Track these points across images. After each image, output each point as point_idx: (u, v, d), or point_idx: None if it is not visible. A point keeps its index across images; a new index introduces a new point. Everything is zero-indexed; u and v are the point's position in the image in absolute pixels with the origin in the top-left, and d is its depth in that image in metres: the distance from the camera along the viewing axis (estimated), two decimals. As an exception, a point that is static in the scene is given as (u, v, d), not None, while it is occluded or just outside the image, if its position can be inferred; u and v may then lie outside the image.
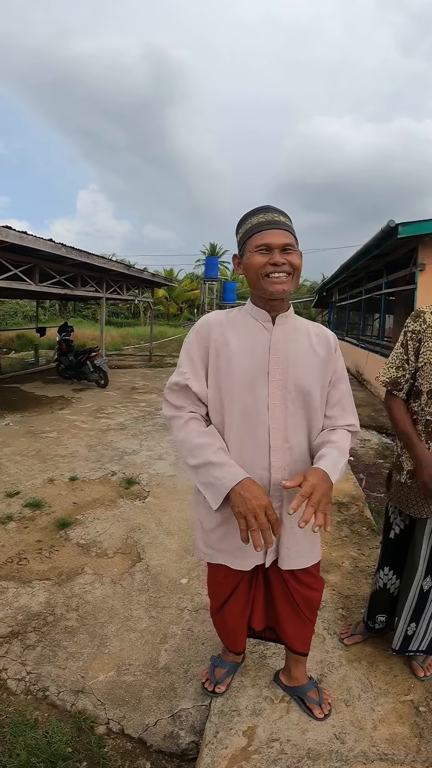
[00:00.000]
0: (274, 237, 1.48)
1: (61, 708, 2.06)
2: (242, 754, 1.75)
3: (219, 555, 1.69)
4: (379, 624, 2.24)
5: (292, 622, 1.84)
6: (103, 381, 9.94)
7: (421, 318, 1.92)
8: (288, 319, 1.61)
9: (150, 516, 3.84)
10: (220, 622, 1.95)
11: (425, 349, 1.89)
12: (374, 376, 9.40)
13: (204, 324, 1.62)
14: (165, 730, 1.97)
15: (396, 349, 2.00)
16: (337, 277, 14.10)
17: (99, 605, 2.70)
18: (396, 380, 1.99)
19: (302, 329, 1.64)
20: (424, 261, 7.22)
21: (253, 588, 1.83)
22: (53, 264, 8.51)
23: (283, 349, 1.57)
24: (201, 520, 1.71)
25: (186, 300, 37.66)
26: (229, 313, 1.66)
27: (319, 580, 1.85)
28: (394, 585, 2.15)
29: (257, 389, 1.55)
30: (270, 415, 1.55)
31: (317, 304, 26.02)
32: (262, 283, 1.50)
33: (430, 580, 1.99)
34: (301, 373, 1.57)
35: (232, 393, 1.54)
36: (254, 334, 1.58)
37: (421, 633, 2.06)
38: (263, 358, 1.56)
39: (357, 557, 3.22)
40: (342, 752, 1.76)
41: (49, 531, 3.55)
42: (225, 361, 1.56)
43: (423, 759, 1.75)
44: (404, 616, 2.07)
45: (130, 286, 12.97)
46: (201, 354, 1.59)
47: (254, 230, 1.51)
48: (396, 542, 2.12)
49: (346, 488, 4.50)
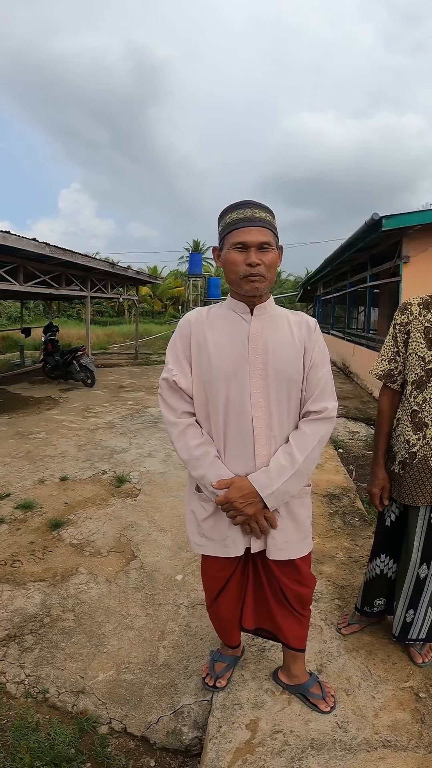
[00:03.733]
0: (251, 235, 1.51)
1: (62, 709, 2.05)
2: (246, 747, 1.76)
3: (210, 545, 1.72)
4: (377, 607, 2.27)
5: (285, 619, 1.85)
6: (90, 380, 9.89)
7: (408, 310, 1.96)
8: (267, 309, 1.65)
9: (142, 514, 3.83)
10: (215, 615, 1.96)
11: (412, 341, 1.93)
12: (361, 368, 9.47)
13: (185, 322, 1.68)
14: (168, 726, 1.97)
15: (387, 342, 2.04)
16: (321, 271, 14.13)
17: (95, 605, 2.68)
18: (389, 372, 2.02)
19: (281, 318, 1.68)
20: (409, 253, 7.26)
21: (244, 583, 1.85)
22: (37, 264, 8.43)
23: (262, 339, 1.60)
24: (194, 510, 1.75)
25: (171, 297, 37.56)
26: (210, 309, 1.70)
27: (309, 576, 1.86)
28: (392, 570, 2.18)
29: (239, 380, 1.58)
30: (253, 404, 1.59)
31: (302, 298, 26.09)
32: (240, 282, 1.55)
33: (426, 568, 2.01)
34: (281, 360, 1.60)
35: (216, 385, 1.58)
36: (233, 327, 1.62)
37: (419, 620, 2.08)
38: (243, 349, 1.59)
39: (350, 548, 3.24)
40: (345, 741, 1.77)
41: (42, 532, 3.52)
42: (206, 356, 1.60)
43: (426, 744, 1.77)
44: (402, 603, 2.10)
45: (114, 284, 12.91)
46: (185, 351, 1.64)
47: (232, 227, 1.54)
48: (392, 529, 2.15)
49: (337, 480, 4.52)
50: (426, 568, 2.01)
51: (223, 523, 1.67)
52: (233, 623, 1.94)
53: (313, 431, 1.61)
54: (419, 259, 7.23)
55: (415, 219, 6.89)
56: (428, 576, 2.02)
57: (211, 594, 1.89)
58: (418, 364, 1.90)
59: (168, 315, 36.00)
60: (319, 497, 4.07)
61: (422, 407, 1.89)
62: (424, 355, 1.88)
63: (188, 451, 1.60)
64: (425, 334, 1.89)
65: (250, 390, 1.58)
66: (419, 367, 1.89)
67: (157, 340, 22.32)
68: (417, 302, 1.95)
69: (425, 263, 7.15)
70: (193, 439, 1.61)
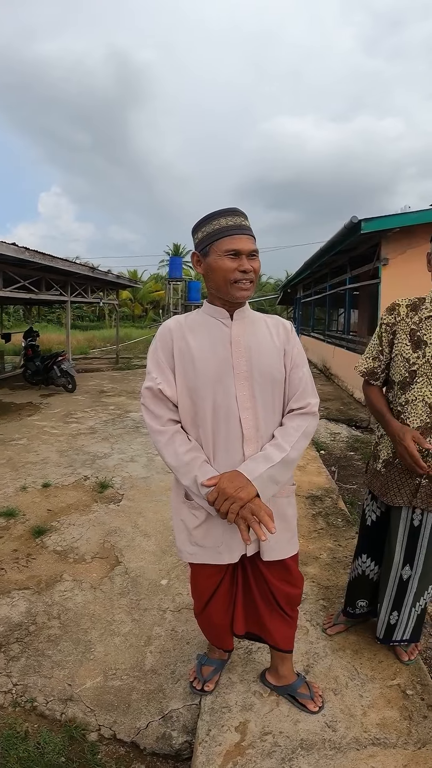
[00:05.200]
0: (243, 243, 1.54)
1: (50, 718, 2.03)
2: (236, 749, 1.76)
3: (203, 553, 1.71)
4: (360, 609, 2.28)
5: (274, 621, 1.86)
6: (71, 385, 9.81)
7: (395, 311, 1.98)
8: (245, 313, 1.67)
9: (126, 519, 3.81)
10: (206, 622, 1.96)
11: (398, 342, 1.95)
12: (341, 369, 9.53)
13: (165, 330, 1.67)
14: (157, 731, 1.96)
15: (372, 340, 2.07)
16: (301, 273, 14.23)
17: (80, 611, 2.67)
18: (372, 370, 2.05)
19: (259, 322, 1.70)
20: (387, 256, 7.36)
21: (234, 588, 1.85)
22: (17, 268, 8.36)
23: (244, 342, 1.62)
24: (184, 520, 1.73)
25: (151, 301, 37.48)
26: (188, 316, 1.71)
27: (298, 576, 1.87)
28: (373, 571, 2.19)
29: (224, 384, 1.59)
30: (240, 406, 1.60)
31: (282, 301, 26.24)
32: (229, 289, 1.56)
33: (408, 569, 2.03)
34: (264, 362, 1.62)
35: (202, 391, 1.58)
36: (214, 332, 1.63)
37: (403, 622, 2.09)
38: (226, 353, 1.60)
39: (334, 548, 3.27)
40: (335, 740, 1.79)
41: (25, 539, 3.49)
42: (190, 362, 1.60)
43: (414, 741, 1.79)
44: (385, 605, 2.11)
45: (94, 288, 12.84)
46: (167, 359, 1.63)
47: (224, 233, 1.54)
48: (373, 529, 2.17)
49: (319, 481, 4.55)
50: (409, 569, 2.02)
51: (216, 530, 1.67)
52: (225, 629, 1.93)
53: (297, 424, 1.64)
54: (398, 261, 7.33)
55: (393, 222, 7.00)
56: (411, 577, 2.03)
57: (201, 602, 1.88)
58: (403, 366, 1.92)
59: (148, 319, 35.93)
60: (302, 499, 4.09)
61: (405, 408, 1.92)
62: (409, 356, 1.90)
63: (177, 457, 1.59)
64: (410, 336, 1.91)
65: (236, 393, 1.59)
66: (404, 368, 1.91)
67: (137, 344, 22.25)
68: (405, 303, 1.97)
69: (404, 265, 7.25)
70: (181, 446, 1.60)
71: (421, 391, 1.87)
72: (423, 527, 1.97)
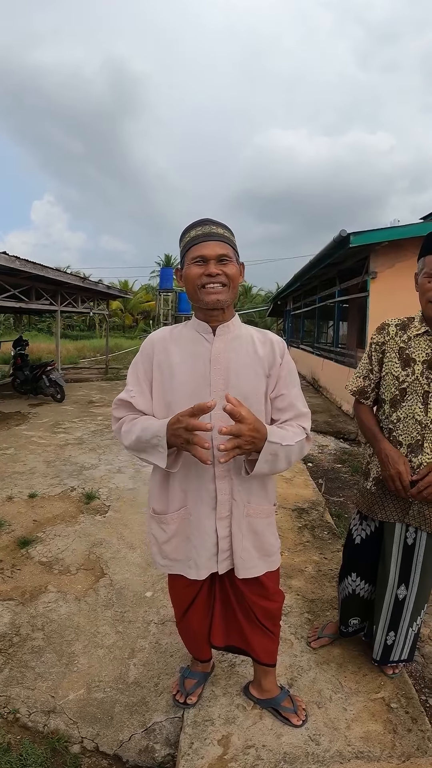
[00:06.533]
0: (209, 248, 1.52)
1: (33, 729, 2.01)
2: (219, 762, 1.76)
3: (175, 565, 1.73)
4: (351, 627, 2.28)
5: (255, 635, 1.86)
6: (59, 395, 9.77)
7: (385, 330, 2.00)
8: (230, 328, 1.64)
9: (111, 530, 3.80)
10: (185, 629, 1.96)
11: (387, 360, 1.97)
12: (330, 382, 9.58)
13: (149, 342, 1.68)
14: (140, 744, 1.95)
15: (363, 359, 2.09)
16: (291, 286, 14.32)
17: (64, 623, 2.65)
18: (363, 389, 2.07)
19: (245, 337, 1.66)
20: (376, 269, 7.44)
21: (211, 602, 1.85)
22: (7, 277, 8.34)
23: (223, 360, 1.60)
24: (154, 535, 1.75)
25: (141, 311, 37.50)
26: (174, 329, 1.70)
27: (277, 591, 1.87)
28: (363, 590, 2.18)
29: (201, 400, 1.53)
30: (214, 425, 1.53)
31: (272, 313, 26.36)
32: (199, 294, 1.55)
33: (404, 589, 2.01)
34: (243, 381, 1.60)
35: (177, 406, 1.54)
36: (195, 348, 1.62)
37: (400, 642, 2.07)
38: (204, 370, 1.59)
39: (320, 561, 3.27)
40: (318, 753, 1.78)
41: (10, 550, 3.46)
42: (168, 376, 1.60)
43: (399, 754, 1.79)
44: (382, 625, 2.09)
45: (85, 298, 12.84)
46: (146, 372, 1.64)
47: (191, 243, 1.55)
48: (362, 548, 2.16)
49: (306, 494, 4.57)
50: (404, 588, 2.01)
51: (185, 545, 1.68)
52: (203, 636, 1.93)
53: (294, 432, 1.58)
54: (386, 274, 7.41)
55: (381, 236, 7.08)
56: (407, 597, 2.01)
57: (180, 609, 1.89)
58: (393, 384, 1.93)
59: (139, 329, 35.91)
60: (288, 511, 4.10)
61: (396, 426, 1.93)
62: (399, 374, 1.92)
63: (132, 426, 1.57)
64: (399, 354, 1.93)
65: (211, 412, 1.50)
66: (394, 386, 1.93)
67: (127, 354, 22.20)
68: (394, 323, 1.99)
69: (392, 279, 7.33)
70: (133, 419, 1.60)
71: (411, 409, 1.88)
72: (417, 546, 1.96)
